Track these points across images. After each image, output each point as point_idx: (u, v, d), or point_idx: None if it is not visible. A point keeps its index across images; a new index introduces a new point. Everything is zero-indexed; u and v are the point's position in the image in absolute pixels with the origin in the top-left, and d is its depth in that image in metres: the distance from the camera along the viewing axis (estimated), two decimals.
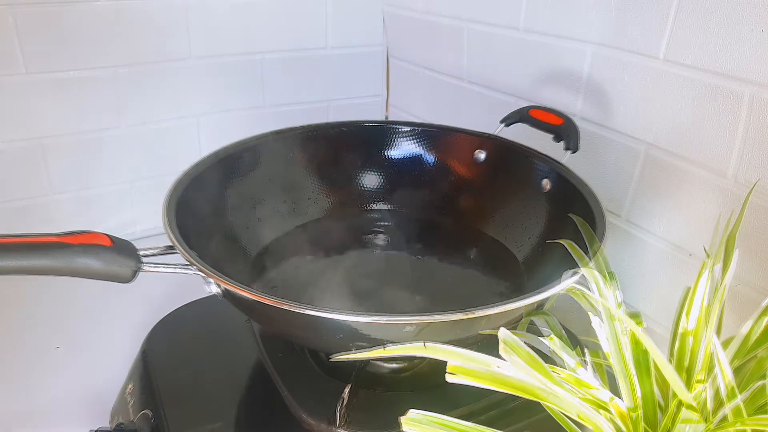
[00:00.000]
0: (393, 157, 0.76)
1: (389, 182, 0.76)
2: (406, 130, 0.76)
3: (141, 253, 0.45)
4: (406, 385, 0.57)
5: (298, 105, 1.02)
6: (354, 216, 0.75)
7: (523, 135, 0.69)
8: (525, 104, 0.72)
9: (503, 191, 0.70)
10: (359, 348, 0.43)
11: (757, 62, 0.51)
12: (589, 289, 0.38)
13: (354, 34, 1.03)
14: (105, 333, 0.76)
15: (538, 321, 0.44)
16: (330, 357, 0.39)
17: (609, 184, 0.66)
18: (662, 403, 0.37)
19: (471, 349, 0.33)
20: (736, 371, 0.38)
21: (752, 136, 0.53)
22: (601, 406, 0.34)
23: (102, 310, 0.80)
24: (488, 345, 0.36)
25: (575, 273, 0.41)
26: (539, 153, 0.67)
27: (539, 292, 0.44)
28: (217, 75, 0.93)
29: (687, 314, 0.38)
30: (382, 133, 0.76)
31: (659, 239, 0.63)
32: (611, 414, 0.34)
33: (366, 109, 1.10)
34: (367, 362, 0.56)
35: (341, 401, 0.51)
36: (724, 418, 0.34)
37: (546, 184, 0.65)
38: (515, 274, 0.66)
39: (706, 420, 0.34)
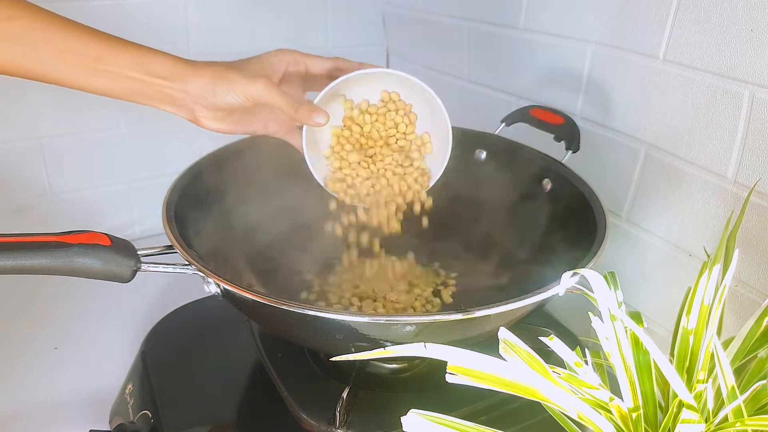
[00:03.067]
0: None
1: None
2: None
3: (140, 252, 0.45)
4: (406, 386, 0.57)
5: None
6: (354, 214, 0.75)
7: (523, 134, 0.69)
8: (526, 104, 0.72)
9: (504, 191, 0.70)
10: (359, 348, 0.43)
11: (757, 62, 0.51)
12: (589, 289, 0.38)
13: (354, 34, 1.03)
14: (104, 333, 0.76)
15: None
16: (330, 358, 0.39)
17: (609, 183, 0.66)
18: (663, 403, 0.37)
19: (471, 349, 0.33)
20: (737, 371, 0.38)
21: (752, 136, 0.53)
22: (601, 406, 0.34)
23: (101, 310, 0.80)
24: (488, 345, 0.36)
25: (575, 273, 0.41)
26: (540, 153, 0.67)
27: (539, 293, 0.44)
28: None
29: (688, 314, 0.38)
30: None
31: (659, 239, 0.63)
32: (612, 414, 0.34)
33: None
34: (366, 363, 0.56)
35: (341, 402, 0.51)
36: (725, 419, 0.33)
37: (547, 183, 0.65)
38: (516, 273, 0.66)
39: (706, 420, 0.34)
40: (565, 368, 0.35)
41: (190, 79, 0.49)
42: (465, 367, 0.33)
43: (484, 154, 0.72)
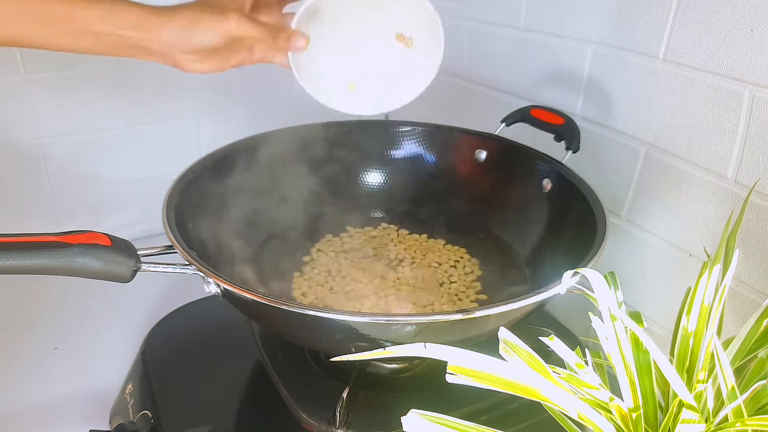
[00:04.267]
0: (393, 156, 0.76)
1: (389, 182, 0.76)
2: (406, 129, 0.75)
3: (140, 252, 0.45)
4: (406, 386, 0.57)
5: (298, 104, 1.02)
6: (354, 215, 0.75)
7: (523, 135, 0.69)
8: (526, 104, 0.72)
9: (504, 191, 0.70)
10: (359, 348, 0.43)
11: (757, 62, 0.51)
12: (589, 289, 0.38)
13: None
14: (104, 333, 0.76)
15: None
16: (330, 358, 0.39)
17: (609, 184, 0.66)
18: (663, 403, 0.37)
19: (471, 349, 0.33)
20: (737, 371, 0.38)
21: (752, 136, 0.53)
22: (601, 406, 0.34)
23: (101, 310, 0.80)
24: (489, 345, 0.36)
25: (576, 273, 0.41)
26: (540, 153, 0.67)
27: (540, 293, 0.44)
28: (216, 74, 0.93)
29: (688, 314, 0.38)
30: (382, 132, 0.76)
31: (659, 239, 0.63)
32: (612, 414, 0.34)
33: None
34: (367, 363, 0.56)
35: (341, 402, 0.51)
36: (725, 419, 0.33)
37: (547, 183, 0.65)
38: (516, 273, 0.66)
39: (706, 420, 0.34)
40: (565, 368, 0.35)
41: (161, 27, 0.49)
42: (465, 367, 0.33)
43: (484, 155, 0.72)
